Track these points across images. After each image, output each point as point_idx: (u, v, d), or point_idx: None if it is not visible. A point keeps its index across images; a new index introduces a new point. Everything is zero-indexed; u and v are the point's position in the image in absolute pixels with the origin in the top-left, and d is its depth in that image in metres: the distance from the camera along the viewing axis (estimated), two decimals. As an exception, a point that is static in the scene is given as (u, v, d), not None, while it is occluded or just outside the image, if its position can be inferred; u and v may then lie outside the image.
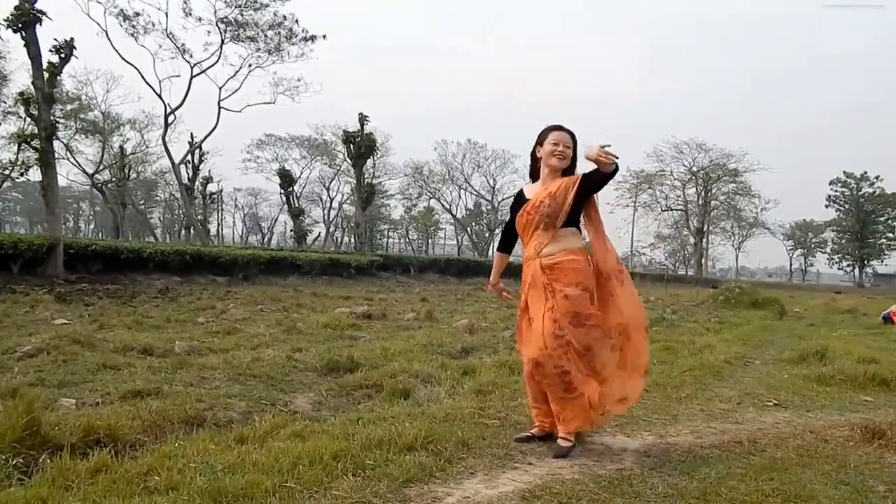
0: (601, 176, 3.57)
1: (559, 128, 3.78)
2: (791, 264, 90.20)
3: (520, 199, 3.88)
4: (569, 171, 3.78)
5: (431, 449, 3.49)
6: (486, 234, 68.43)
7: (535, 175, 3.91)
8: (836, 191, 74.03)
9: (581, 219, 3.79)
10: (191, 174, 44.87)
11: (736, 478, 3.28)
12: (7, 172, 25.42)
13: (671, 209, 66.38)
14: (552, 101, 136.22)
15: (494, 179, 64.98)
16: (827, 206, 74.78)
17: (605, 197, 3.90)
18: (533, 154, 3.87)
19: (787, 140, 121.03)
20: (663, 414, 4.78)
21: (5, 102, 33.55)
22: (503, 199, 65.68)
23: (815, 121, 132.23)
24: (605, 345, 3.62)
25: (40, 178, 20.30)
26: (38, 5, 18.76)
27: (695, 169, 62.12)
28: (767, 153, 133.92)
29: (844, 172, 73.54)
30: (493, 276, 4.19)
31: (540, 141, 3.80)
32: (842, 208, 74.56)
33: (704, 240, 66.96)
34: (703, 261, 67.00)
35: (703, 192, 63.98)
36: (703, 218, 64.21)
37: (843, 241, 76.23)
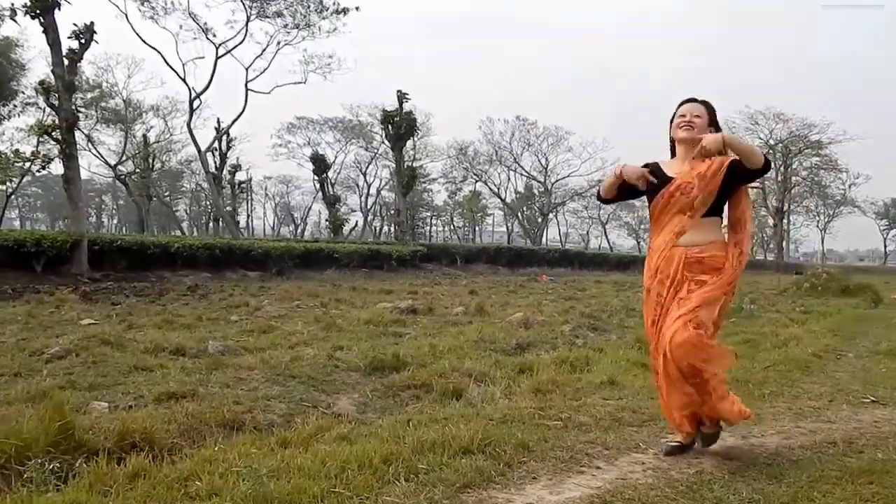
0: (745, 171, 3.54)
1: (688, 100, 3.81)
2: (886, 246, 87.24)
3: (657, 174, 3.72)
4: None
5: (489, 452, 3.51)
6: (539, 220, 67.90)
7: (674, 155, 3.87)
8: (937, 162, 71.51)
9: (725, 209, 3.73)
10: (218, 162, 45.54)
11: (830, 481, 3.22)
12: (27, 166, 26.32)
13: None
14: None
15: (547, 159, 64.19)
16: (927, 180, 72.22)
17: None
18: (670, 135, 3.84)
19: (882, 107, 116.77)
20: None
21: (24, 93, 34.66)
22: (556, 181, 65.09)
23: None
24: None
25: (62, 171, 20.99)
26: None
27: (772, 142, 60.30)
28: (859, 123, 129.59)
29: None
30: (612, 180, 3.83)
31: (672, 118, 3.81)
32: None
33: (785, 220, 65.26)
34: (783, 244, 65.37)
35: (781, 168, 62.21)
36: (782, 196, 62.45)
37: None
